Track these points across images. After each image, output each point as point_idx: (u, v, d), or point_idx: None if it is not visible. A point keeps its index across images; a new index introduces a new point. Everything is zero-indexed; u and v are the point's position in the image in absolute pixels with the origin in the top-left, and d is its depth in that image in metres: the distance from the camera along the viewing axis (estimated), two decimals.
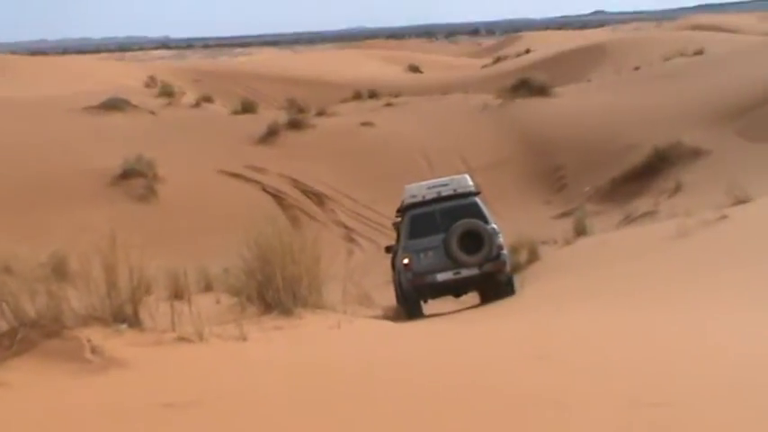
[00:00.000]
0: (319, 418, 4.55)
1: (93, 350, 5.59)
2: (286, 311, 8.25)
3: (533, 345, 6.64)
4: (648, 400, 4.65)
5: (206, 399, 4.77)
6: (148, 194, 32.64)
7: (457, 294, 17.43)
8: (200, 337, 6.18)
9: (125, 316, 6.23)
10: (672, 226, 17.21)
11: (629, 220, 25.64)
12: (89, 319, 6.05)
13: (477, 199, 17.22)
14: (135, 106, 46.24)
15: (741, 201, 18.78)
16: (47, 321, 5.90)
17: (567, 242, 22.53)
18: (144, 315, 6.38)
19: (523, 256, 21.10)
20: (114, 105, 45.52)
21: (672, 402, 4.62)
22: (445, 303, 17.37)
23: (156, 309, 6.58)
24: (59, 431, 4.52)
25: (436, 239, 16.39)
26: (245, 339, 6.40)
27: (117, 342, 5.77)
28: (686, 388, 4.95)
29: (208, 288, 20.27)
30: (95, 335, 5.78)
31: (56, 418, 4.68)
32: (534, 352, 6.17)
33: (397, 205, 17.96)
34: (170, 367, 5.52)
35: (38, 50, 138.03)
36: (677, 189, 27.55)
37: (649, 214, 25.00)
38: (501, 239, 16.58)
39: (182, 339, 6.11)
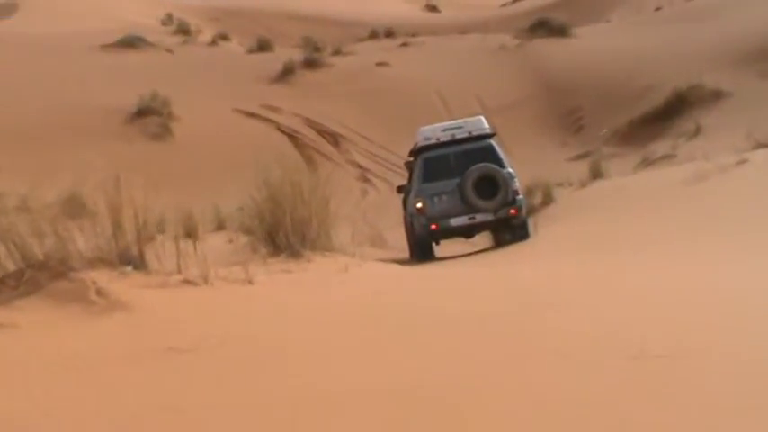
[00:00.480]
0: (320, 363, 4.52)
1: (99, 292, 5.56)
2: (295, 254, 8.21)
3: (541, 292, 6.57)
4: (654, 352, 4.58)
5: (208, 344, 4.74)
6: (163, 133, 32.61)
7: (469, 236, 17.34)
8: (206, 280, 6.14)
9: (131, 257, 6.20)
10: (690, 170, 17.06)
11: (646, 163, 25.46)
12: (95, 261, 6.02)
13: (493, 142, 17.02)
14: (151, 44, 46.05)
15: (761, 144, 18.58)
16: (54, 263, 5.87)
17: (583, 185, 22.38)
18: (150, 257, 6.35)
19: (538, 199, 21.00)
20: (130, 43, 45.38)
21: (677, 355, 4.56)
22: (456, 245, 17.32)
23: (163, 250, 6.55)
24: (62, 373, 4.49)
25: (451, 184, 16.20)
26: (251, 282, 6.36)
27: (122, 284, 5.74)
28: (695, 340, 4.87)
29: (221, 227, 20.30)
30: (101, 277, 5.75)
31: (59, 360, 4.67)
32: (541, 300, 6.11)
33: (412, 147, 17.82)
34: (174, 311, 5.49)
35: None
36: (696, 132, 27.30)
37: (667, 157, 24.80)
38: (517, 184, 16.40)
39: (187, 282, 6.08)
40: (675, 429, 3.54)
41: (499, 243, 16.62)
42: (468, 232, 16.91)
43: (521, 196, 16.52)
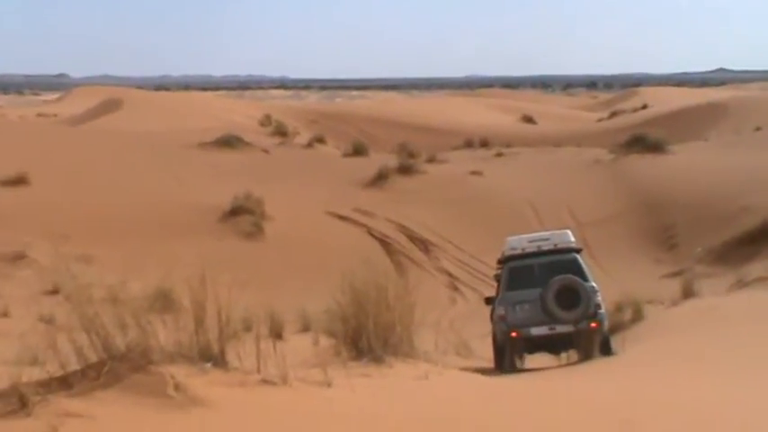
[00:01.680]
0: None
1: (177, 387, 5.61)
2: (376, 359, 8.18)
3: (618, 411, 6.43)
4: None
5: None
6: (255, 232, 33.01)
7: (555, 352, 17.17)
8: (284, 381, 6.15)
9: (211, 354, 6.24)
10: None
11: (740, 284, 24.90)
12: (176, 356, 6.08)
13: (578, 255, 17.03)
14: (248, 144, 47.06)
15: None
16: (134, 355, 5.94)
17: (674, 303, 21.98)
18: (231, 355, 6.38)
19: (628, 315, 20.66)
20: (228, 142, 46.42)
21: None
22: (541, 359, 17.10)
23: (245, 348, 6.58)
24: None
25: (533, 293, 16.23)
26: (329, 385, 6.35)
27: (200, 380, 5.78)
28: None
29: (306, 328, 20.37)
30: (180, 372, 5.80)
31: None
32: (618, 418, 5.97)
33: (499, 256, 17.85)
34: (250, 410, 5.50)
35: (161, 86, 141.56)
36: None
37: (762, 280, 24.25)
38: (599, 298, 16.30)
39: (265, 382, 6.09)
40: None
41: (584, 359, 16.37)
42: (550, 345, 16.74)
43: (602, 310, 16.35)
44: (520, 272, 16.73)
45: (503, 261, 17.34)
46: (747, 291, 22.83)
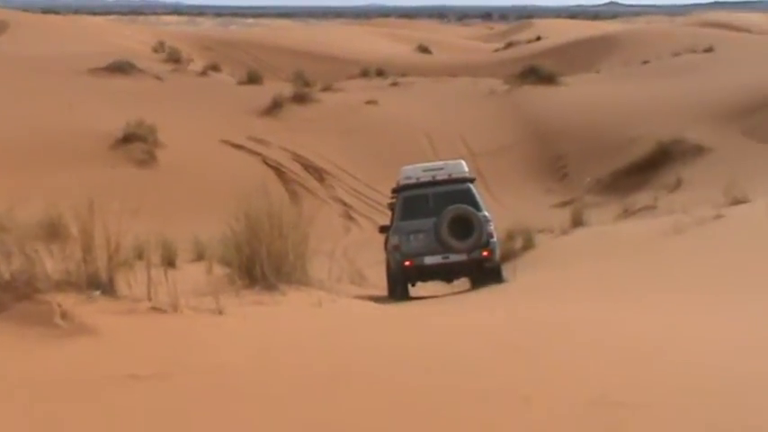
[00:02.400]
0: (280, 399, 4.49)
1: (64, 315, 5.53)
2: (270, 287, 8.19)
3: (509, 337, 6.56)
4: (614, 399, 4.61)
5: (170, 372, 4.70)
6: (148, 159, 32.52)
7: (447, 280, 17.41)
8: (175, 309, 6.11)
9: (100, 283, 6.15)
10: (668, 222, 17.14)
11: (627, 213, 25.55)
12: (63, 285, 5.97)
13: (472, 185, 17.20)
14: (141, 70, 46.14)
15: (739, 201, 18.70)
16: (19, 284, 5.83)
17: (564, 232, 22.45)
18: (121, 283, 6.31)
19: (519, 244, 21.03)
20: (120, 68, 45.46)
21: (636, 403, 4.58)
22: (433, 287, 17.34)
23: (135, 277, 6.51)
24: (21, 396, 4.45)
25: (427, 223, 16.37)
26: (220, 313, 6.32)
27: (88, 309, 5.70)
28: (655, 390, 4.89)
29: (200, 257, 20.24)
30: (67, 300, 5.71)
31: (18, 383, 4.62)
32: (509, 344, 6.11)
33: (394, 185, 17.93)
34: (139, 337, 5.45)
35: (49, 8, 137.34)
36: (677, 185, 27.47)
37: (648, 209, 24.90)
38: (492, 227, 16.55)
39: (155, 310, 6.04)
40: None
41: (476, 286, 16.66)
42: (443, 274, 16.96)
43: (494, 239, 16.61)
44: (414, 201, 16.83)
45: (397, 190, 17.41)
46: (634, 219, 23.44)
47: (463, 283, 17.65)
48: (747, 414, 4.47)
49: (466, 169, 17.74)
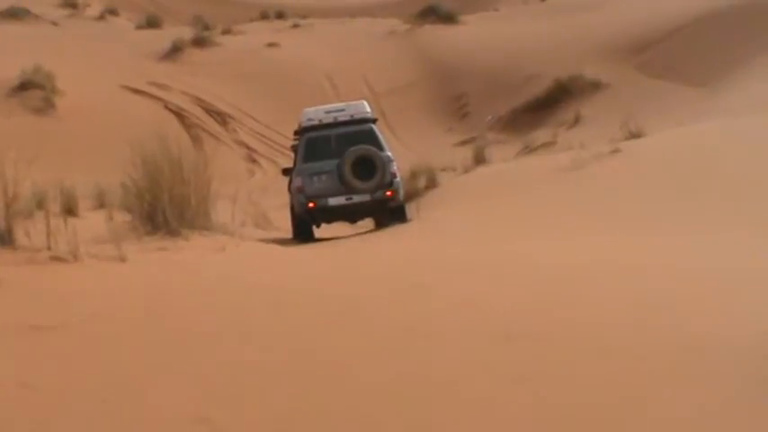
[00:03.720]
0: (183, 345, 4.57)
1: None
2: (172, 232, 8.20)
3: (412, 274, 6.69)
4: (518, 333, 4.75)
5: (72, 322, 4.72)
6: (46, 107, 31.88)
7: (351, 221, 17.53)
8: (75, 258, 6.07)
9: None
10: (566, 158, 17.47)
11: (527, 150, 25.94)
12: None
13: (374, 126, 17.26)
14: (36, 15, 44.97)
15: (634, 135, 19.14)
16: None
17: (466, 170, 22.71)
18: (19, 233, 6.24)
19: (422, 183, 21.25)
20: (14, 14, 44.25)
21: (540, 336, 4.73)
22: (338, 228, 17.46)
23: (34, 226, 6.45)
24: None
25: (330, 164, 16.42)
26: (123, 260, 6.31)
27: None
28: (556, 322, 5.04)
29: (102, 205, 19.99)
30: None
31: None
32: (412, 281, 6.23)
33: (296, 128, 17.93)
34: (40, 288, 5.43)
35: None
36: (576, 121, 27.97)
37: (547, 145, 25.32)
38: (395, 167, 16.67)
39: (55, 259, 6.00)
40: (533, 409, 3.71)
41: (379, 226, 16.82)
42: (347, 214, 17.07)
43: (398, 179, 16.75)
44: (317, 143, 16.84)
45: (300, 132, 17.39)
46: (534, 156, 23.81)
47: (367, 223, 17.81)
48: (642, 337, 4.65)
49: (368, 110, 17.77)
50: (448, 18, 42.89)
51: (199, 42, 39.74)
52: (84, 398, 3.72)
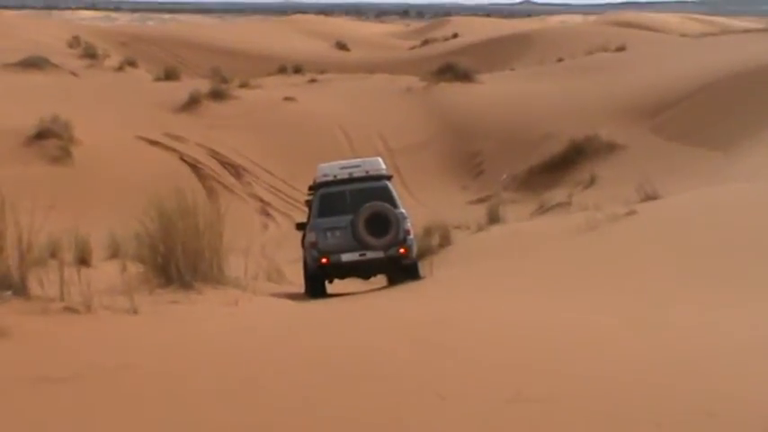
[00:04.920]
0: (191, 401, 4.51)
1: None
2: (185, 285, 8.17)
3: (424, 333, 6.64)
4: (529, 395, 4.69)
5: (82, 374, 4.67)
6: (63, 156, 32.02)
7: (364, 277, 17.47)
8: (89, 309, 6.05)
9: (11, 282, 6.07)
10: (581, 219, 17.42)
11: (542, 210, 25.89)
12: None
13: (388, 182, 17.28)
14: (56, 65, 45.41)
15: (650, 197, 19.08)
16: None
17: (480, 228, 22.66)
18: (33, 282, 6.23)
19: (436, 240, 21.20)
20: (34, 63, 44.67)
21: (551, 398, 4.67)
22: (351, 283, 17.40)
23: (47, 276, 6.42)
24: None
25: (344, 220, 16.41)
26: (135, 312, 6.30)
27: (0, 309, 5.63)
28: (569, 384, 4.99)
29: (116, 255, 20.00)
30: None
31: None
32: (425, 340, 6.18)
33: (311, 183, 17.96)
34: (52, 339, 5.40)
35: None
36: (591, 182, 27.92)
37: (562, 205, 25.28)
38: (408, 224, 16.64)
39: (68, 309, 5.98)
40: None
41: (392, 283, 16.75)
42: (360, 271, 17.02)
43: (411, 236, 16.72)
44: (331, 198, 16.85)
45: (314, 187, 17.41)
46: (549, 216, 23.76)
47: (380, 279, 17.75)
48: (653, 402, 4.59)
49: (383, 166, 17.82)
50: (465, 76, 43.09)
51: (216, 95, 39.97)
52: None
